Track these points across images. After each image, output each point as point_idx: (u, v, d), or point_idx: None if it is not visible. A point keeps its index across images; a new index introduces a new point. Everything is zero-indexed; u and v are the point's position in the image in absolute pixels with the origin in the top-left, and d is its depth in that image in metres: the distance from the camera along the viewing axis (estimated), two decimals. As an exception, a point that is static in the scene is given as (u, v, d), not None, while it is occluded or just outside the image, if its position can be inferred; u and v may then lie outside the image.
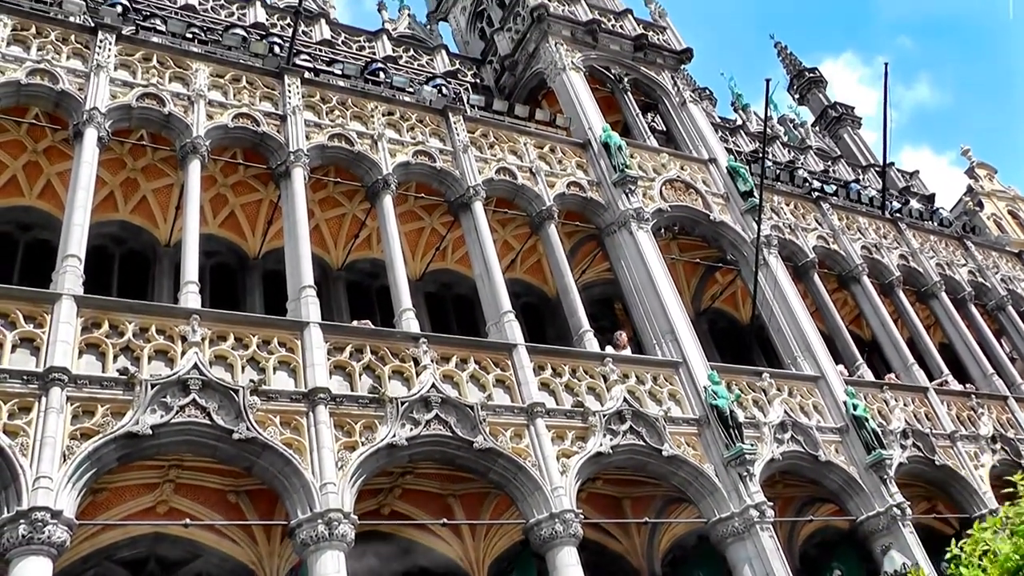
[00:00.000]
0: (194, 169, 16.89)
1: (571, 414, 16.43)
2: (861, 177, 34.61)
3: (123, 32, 18.45)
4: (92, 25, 18.22)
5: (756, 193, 23.17)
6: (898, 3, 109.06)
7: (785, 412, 19.05)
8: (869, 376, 22.27)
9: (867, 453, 18.99)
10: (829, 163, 35.11)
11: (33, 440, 11.76)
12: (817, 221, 26.15)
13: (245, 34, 22.98)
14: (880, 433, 19.46)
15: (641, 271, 20.23)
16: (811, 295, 23.92)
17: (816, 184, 29.37)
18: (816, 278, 24.18)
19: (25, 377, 12.26)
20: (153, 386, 12.84)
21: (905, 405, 21.70)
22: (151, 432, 12.44)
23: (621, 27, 28.05)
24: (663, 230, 22.40)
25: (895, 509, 18.31)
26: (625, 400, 17.07)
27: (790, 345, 21.12)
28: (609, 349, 18.69)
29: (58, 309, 13.12)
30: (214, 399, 13.18)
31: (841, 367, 21.47)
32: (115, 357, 13.21)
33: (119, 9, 20.90)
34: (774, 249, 23.05)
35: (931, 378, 23.56)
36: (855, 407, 19.72)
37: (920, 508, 21.26)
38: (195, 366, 13.34)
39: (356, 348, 15.34)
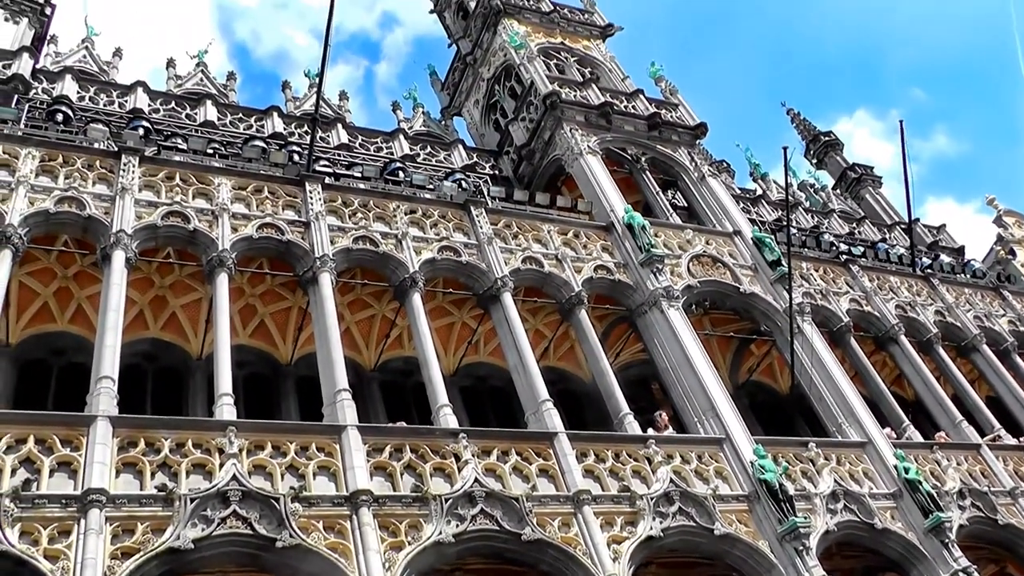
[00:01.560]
0: (222, 282, 17.09)
1: (618, 499, 16.14)
2: (888, 236, 34.35)
3: (146, 154, 18.97)
4: (115, 149, 18.70)
5: (784, 261, 23.03)
6: (906, 56, 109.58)
7: (835, 481, 18.63)
8: (917, 437, 21.74)
9: (924, 517, 18.43)
10: (854, 225, 34.91)
11: (74, 563, 11.69)
12: (848, 284, 25.95)
13: (264, 145, 23.36)
14: (935, 495, 18.91)
15: (676, 349, 20.07)
16: (849, 359, 23.57)
17: (843, 247, 29.15)
18: (852, 342, 23.86)
19: (64, 501, 12.27)
20: (192, 500, 12.79)
21: (958, 464, 21.09)
22: (193, 546, 12.34)
23: (633, 107, 28.32)
24: (694, 306, 22.24)
25: (961, 574, 17.71)
26: (671, 481, 16.78)
27: (833, 412, 20.75)
28: (650, 431, 18.43)
29: (94, 431, 13.21)
30: (255, 509, 13.09)
31: (888, 430, 20.99)
32: (153, 474, 13.21)
33: (141, 132, 21.43)
34: (807, 316, 22.83)
35: (982, 434, 22.96)
36: (907, 470, 19.23)
37: (988, 572, 20.66)
38: (234, 477, 13.31)
39: (395, 448, 15.22)
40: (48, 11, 26.95)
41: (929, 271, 29.13)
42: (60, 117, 21.21)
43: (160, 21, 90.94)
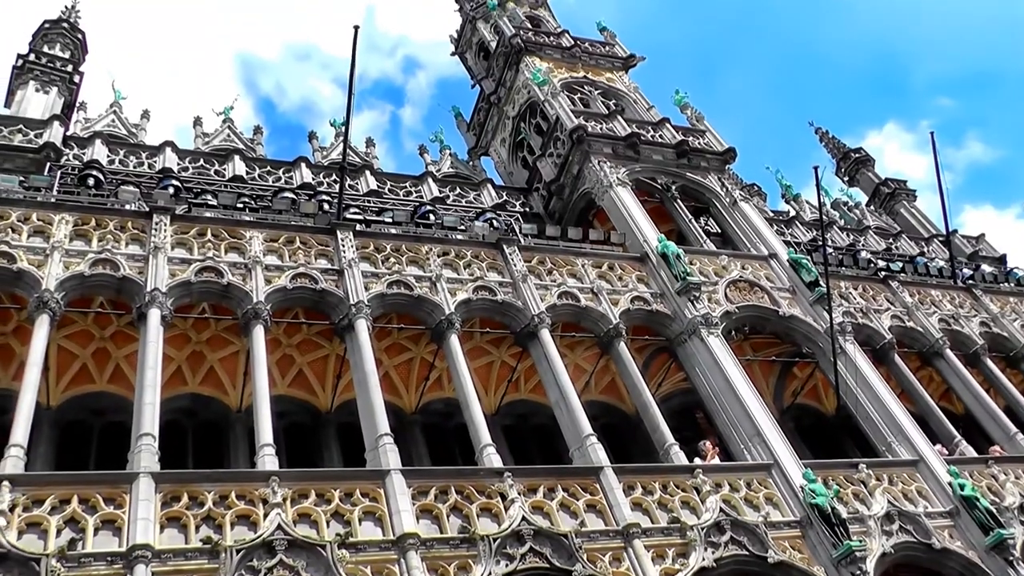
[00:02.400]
0: (258, 334, 17.22)
1: (668, 531, 15.96)
2: (926, 249, 33.85)
3: (177, 212, 19.23)
4: (147, 210, 19.02)
5: (822, 282, 22.78)
6: (932, 66, 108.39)
7: (889, 502, 18.30)
8: (971, 452, 21.24)
9: (984, 534, 18.00)
10: (890, 240, 34.44)
11: (120, 619, 11.69)
12: (888, 301, 25.61)
13: (294, 196, 23.58)
14: (995, 512, 18.47)
15: (718, 377, 19.89)
16: (894, 377, 23.17)
17: (881, 263, 28.82)
18: (897, 359, 23.47)
19: (109, 558, 12.37)
20: (238, 551, 12.85)
21: (1016, 478, 20.56)
22: (240, 596, 12.32)
23: (661, 136, 28.32)
24: (734, 332, 22.05)
25: (1027, 592, 17.23)
26: (721, 510, 16.60)
27: (882, 431, 20.39)
28: (696, 460, 18.28)
29: (136, 488, 13.33)
30: (301, 557, 13.12)
31: (939, 447, 20.56)
32: (197, 527, 13.28)
33: (171, 190, 21.68)
34: (849, 335, 22.54)
35: (1040, 445, 22.38)
36: (962, 487, 18.82)
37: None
38: (279, 526, 13.36)
39: (441, 489, 15.15)
40: (76, 79, 27.65)
41: (971, 282, 28.67)
42: (91, 181, 21.52)
43: (185, 80, 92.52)
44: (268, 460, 14.72)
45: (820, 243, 25.78)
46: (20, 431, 13.97)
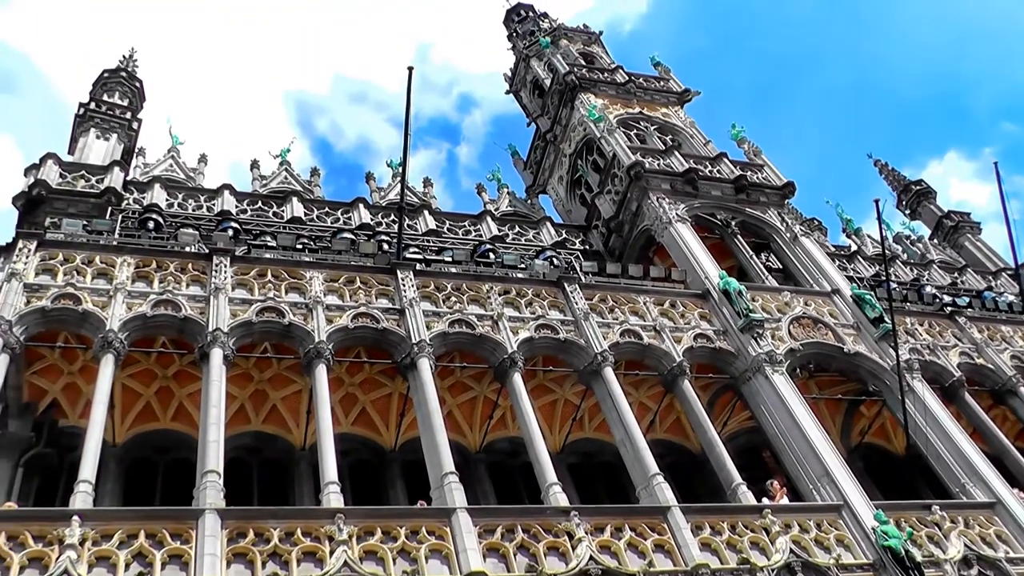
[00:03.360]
0: (321, 373, 17.34)
1: (738, 572, 15.69)
2: (993, 284, 33.04)
3: (236, 253, 19.52)
4: (207, 251, 19.32)
5: (886, 318, 22.37)
6: (993, 91, 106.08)
7: (966, 545, 17.73)
8: (1054, 495, 20.50)
9: (1077, 580, 17.34)
10: (955, 275, 33.65)
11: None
12: (956, 337, 24.99)
13: (353, 236, 23.79)
14: (1084, 556, 17.79)
15: (784, 416, 19.57)
16: (965, 415, 22.50)
17: (947, 299, 28.07)
18: (967, 397, 22.81)
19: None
20: (306, 588, 12.81)
21: (1108, 522, 19.78)
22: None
23: (718, 171, 28.18)
24: (798, 370, 21.65)
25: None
26: (792, 551, 16.28)
27: (955, 472, 19.79)
28: (764, 500, 17.95)
29: (202, 523, 13.45)
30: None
31: (1017, 490, 19.92)
32: (264, 563, 13.37)
33: (230, 232, 22.01)
34: (917, 373, 22.04)
35: None
36: (1047, 531, 18.18)
37: None
38: (345, 563, 13.47)
39: (507, 528, 15.04)
40: (135, 126, 28.29)
41: (1044, 316, 27.87)
42: (151, 225, 21.88)
43: (241, 124, 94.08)
44: (333, 497, 14.77)
45: (883, 278, 25.37)
46: (88, 467, 14.17)
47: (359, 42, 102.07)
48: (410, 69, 22.04)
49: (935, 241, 38.63)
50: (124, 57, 31.36)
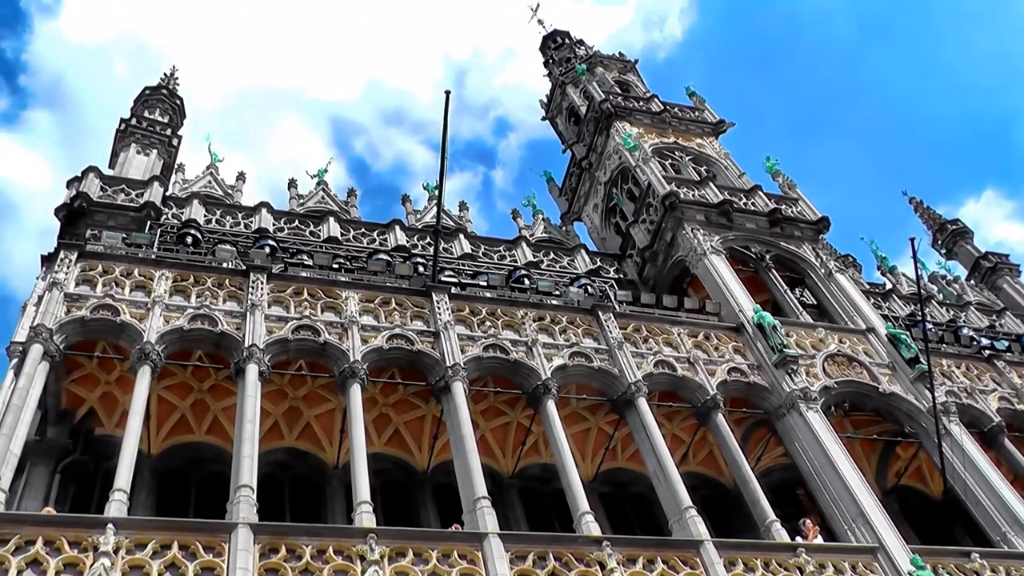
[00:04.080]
0: (355, 393, 17.35)
1: (771, 611, 15.37)
2: (1033, 327, 32.58)
3: (273, 271, 19.67)
4: (244, 268, 19.50)
5: (922, 359, 22.07)
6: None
7: (1005, 595, 17.36)
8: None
9: None
10: (993, 317, 33.11)
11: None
12: (995, 381, 24.57)
13: (389, 258, 23.85)
14: None
15: (819, 454, 19.36)
16: (1006, 462, 22.02)
17: (985, 341, 27.66)
18: (1007, 443, 22.35)
19: (210, 606, 12.37)
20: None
21: None
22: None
23: (753, 204, 28.08)
24: (833, 408, 21.41)
25: None
26: (826, 592, 15.91)
27: (995, 519, 19.36)
28: (798, 539, 17.64)
29: (235, 537, 13.47)
30: (400, 614, 12.95)
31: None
32: (294, 580, 13.26)
33: (267, 250, 22.13)
34: (954, 416, 21.69)
35: None
36: (1091, 586, 17.73)
37: None
38: (377, 583, 13.30)
39: (539, 555, 14.92)
40: (175, 142, 28.78)
41: (1086, 363, 27.33)
42: (189, 240, 22.04)
43: (279, 143, 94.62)
44: (366, 517, 14.71)
45: (919, 318, 25.08)
46: (123, 476, 14.22)
47: (398, 64, 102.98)
48: (447, 93, 22.05)
49: (972, 282, 38.07)
50: (165, 75, 31.77)
